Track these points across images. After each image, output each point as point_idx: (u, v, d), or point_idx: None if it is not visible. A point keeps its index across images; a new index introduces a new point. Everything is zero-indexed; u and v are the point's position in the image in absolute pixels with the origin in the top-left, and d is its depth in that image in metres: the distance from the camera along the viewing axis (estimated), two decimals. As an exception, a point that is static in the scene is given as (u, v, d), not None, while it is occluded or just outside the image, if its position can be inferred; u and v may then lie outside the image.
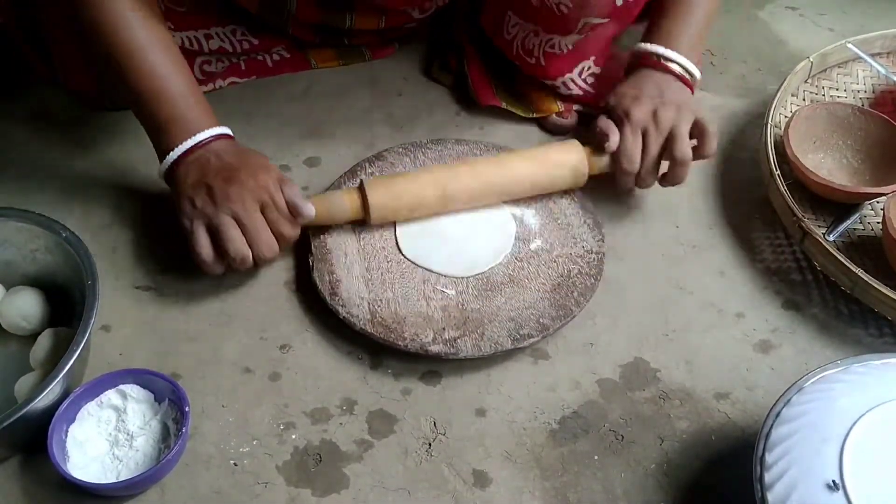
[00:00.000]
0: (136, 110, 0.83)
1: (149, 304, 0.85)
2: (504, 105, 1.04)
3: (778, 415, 0.69)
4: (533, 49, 0.98)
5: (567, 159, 0.90)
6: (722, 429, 0.79)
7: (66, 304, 0.81)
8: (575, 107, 1.03)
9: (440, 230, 0.89)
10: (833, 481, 0.62)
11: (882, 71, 1.04)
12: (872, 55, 1.06)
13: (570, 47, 0.97)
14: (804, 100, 1.06)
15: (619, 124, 0.89)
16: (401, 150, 0.97)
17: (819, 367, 0.72)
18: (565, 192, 0.93)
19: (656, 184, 0.91)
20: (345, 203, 0.86)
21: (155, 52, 0.81)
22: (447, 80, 1.09)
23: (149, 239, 0.90)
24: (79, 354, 0.71)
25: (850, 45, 1.06)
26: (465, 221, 0.90)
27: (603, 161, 0.91)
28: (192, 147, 0.81)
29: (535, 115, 1.03)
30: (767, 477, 0.65)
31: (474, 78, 1.05)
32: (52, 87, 1.01)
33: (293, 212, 0.81)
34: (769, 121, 0.97)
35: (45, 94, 1.04)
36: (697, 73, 0.92)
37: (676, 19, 0.93)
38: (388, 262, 0.87)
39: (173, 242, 0.89)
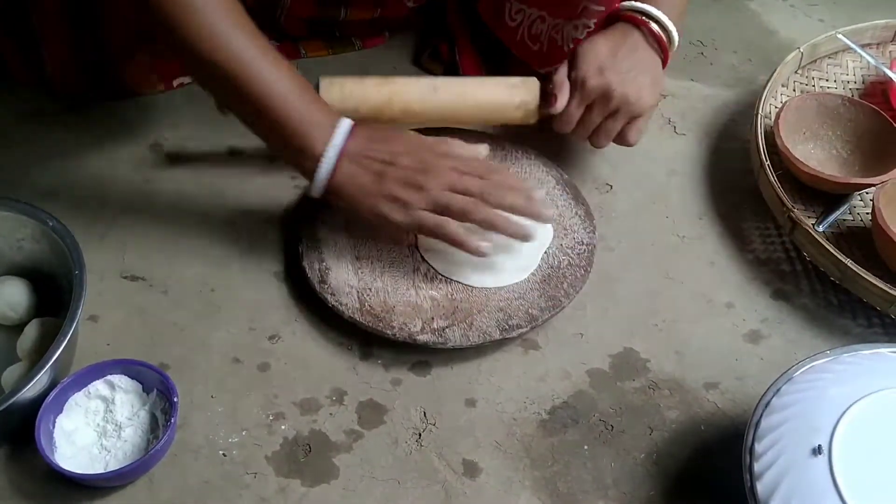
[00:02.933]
0: (260, 128, 0.79)
1: (137, 294, 0.85)
2: None
3: (767, 404, 0.69)
4: (539, 35, 0.98)
5: (523, 96, 0.90)
6: (711, 418, 0.79)
7: (54, 294, 0.81)
8: None
9: None
10: (819, 446, 0.63)
11: (872, 61, 1.04)
12: (863, 46, 1.07)
13: (571, 46, 0.97)
14: (794, 90, 1.06)
15: (572, 86, 0.87)
16: None
17: (808, 357, 0.73)
18: (557, 183, 0.93)
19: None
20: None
21: (266, 62, 0.76)
22: (438, 69, 1.08)
23: (136, 229, 0.89)
24: (66, 344, 0.71)
25: (840, 36, 1.06)
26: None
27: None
28: (342, 146, 0.77)
29: None
30: (756, 466, 0.65)
31: (465, 67, 1.05)
32: (35, 81, 1.00)
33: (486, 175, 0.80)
34: (759, 111, 0.97)
35: (31, 86, 1.03)
36: (677, 37, 0.89)
37: None
38: (378, 250, 0.86)
39: (161, 232, 0.89)
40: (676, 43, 0.90)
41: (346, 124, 0.78)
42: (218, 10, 0.75)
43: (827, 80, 1.07)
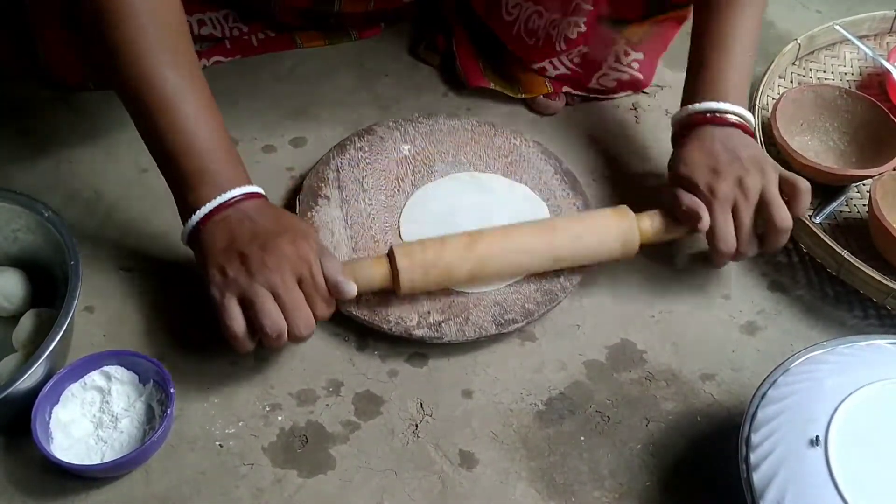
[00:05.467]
0: (161, 164, 0.75)
1: (133, 285, 0.84)
2: (492, 85, 1.03)
3: (763, 396, 0.69)
4: (537, 30, 0.97)
5: (618, 235, 0.81)
6: (708, 410, 0.79)
7: (49, 285, 0.80)
8: (564, 88, 1.02)
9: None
10: (815, 437, 0.63)
11: (869, 53, 1.04)
12: (860, 37, 1.06)
13: (564, 46, 0.96)
14: (792, 82, 1.05)
15: (707, 202, 0.80)
16: (391, 124, 0.96)
17: (804, 349, 0.73)
18: (555, 173, 0.93)
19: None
20: (375, 275, 0.77)
21: (188, 102, 0.73)
22: (434, 60, 1.08)
23: (132, 219, 0.89)
24: (62, 335, 0.71)
25: (837, 27, 1.06)
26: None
27: (676, 233, 0.83)
28: (220, 205, 0.72)
29: (523, 96, 1.02)
30: (753, 457, 0.65)
31: (462, 58, 1.04)
32: (30, 79, 1.00)
33: (331, 289, 0.73)
34: (756, 103, 0.97)
35: (22, 77, 1.02)
36: (752, 120, 0.85)
37: (718, 66, 0.85)
38: (374, 242, 0.86)
39: (158, 223, 0.89)
40: (754, 124, 0.86)
41: (240, 190, 0.74)
42: (159, 38, 0.73)
43: (824, 72, 1.07)
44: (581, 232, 0.81)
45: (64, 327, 0.71)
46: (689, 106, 0.85)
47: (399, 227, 0.88)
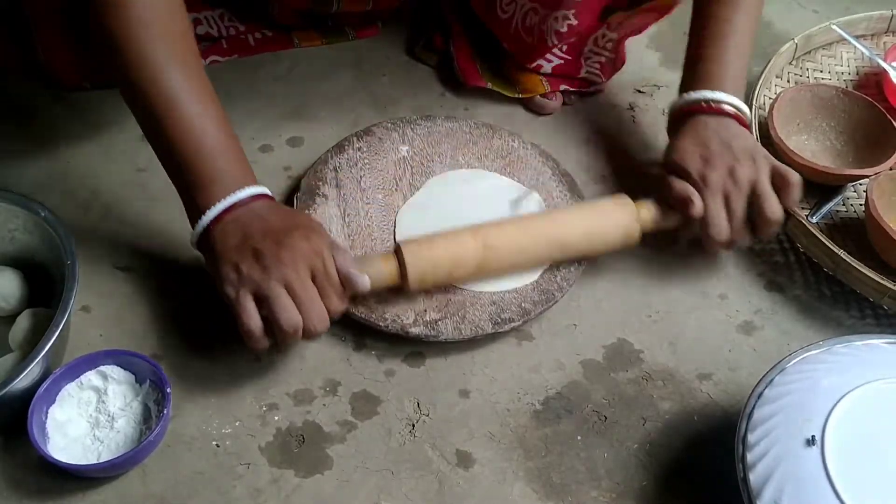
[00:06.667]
0: (169, 166, 0.75)
1: (129, 284, 0.84)
2: (489, 85, 1.03)
3: (760, 395, 0.69)
4: (533, 28, 0.97)
5: (619, 223, 0.82)
6: (704, 409, 0.79)
7: (46, 285, 0.80)
8: (561, 87, 1.02)
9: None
10: (812, 436, 0.63)
11: (866, 53, 1.04)
12: (857, 37, 1.06)
13: (554, 42, 0.96)
14: (788, 81, 1.06)
15: (698, 190, 0.81)
16: (389, 125, 0.96)
17: (801, 348, 0.73)
18: (553, 174, 0.93)
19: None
20: (383, 271, 0.77)
21: (194, 103, 0.73)
22: (431, 59, 1.08)
23: (129, 219, 0.89)
24: (58, 335, 0.70)
25: (834, 27, 1.06)
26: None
27: (670, 221, 0.84)
28: (232, 205, 0.72)
29: (520, 96, 1.02)
30: (749, 457, 0.65)
31: (459, 58, 1.04)
32: (28, 77, 1.00)
33: (344, 283, 0.73)
34: (753, 102, 0.97)
35: (23, 75, 1.02)
36: (748, 111, 0.86)
37: (716, 58, 0.87)
38: (372, 240, 0.86)
39: (154, 223, 0.89)
40: (749, 116, 0.87)
41: (250, 191, 0.74)
42: (165, 39, 0.73)
43: (821, 72, 1.07)
44: (585, 221, 0.83)
45: (60, 327, 0.71)
46: (685, 94, 0.87)
47: (395, 226, 0.88)
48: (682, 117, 0.87)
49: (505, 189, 0.92)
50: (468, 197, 0.91)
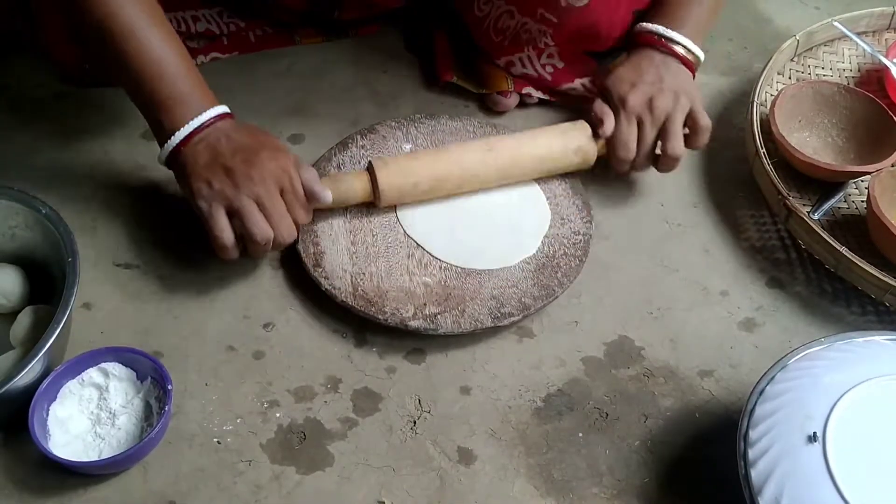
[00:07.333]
0: (133, 92, 0.79)
1: (130, 281, 0.84)
2: (455, 79, 1.03)
3: (762, 392, 0.69)
4: (506, 30, 0.97)
5: (578, 140, 0.89)
6: (706, 406, 0.79)
7: (46, 282, 0.80)
8: (525, 89, 1.01)
9: (451, 219, 0.89)
10: (813, 433, 0.63)
11: (868, 49, 1.03)
12: (858, 34, 1.06)
13: (534, 49, 0.97)
14: (790, 78, 1.05)
15: (615, 111, 0.88)
16: (393, 123, 0.96)
17: (803, 345, 0.73)
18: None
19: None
20: (354, 185, 0.84)
21: (153, 32, 0.77)
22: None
23: (130, 216, 0.89)
24: (59, 332, 0.70)
25: (836, 24, 1.06)
26: (481, 212, 0.89)
27: (600, 144, 0.90)
28: (198, 127, 0.77)
29: (483, 91, 1.02)
30: (751, 453, 0.65)
31: (438, 54, 1.04)
32: (32, 63, 1.00)
33: (309, 197, 0.79)
34: (755, 99, 0.97)
35: (26, 71, 1.02)
36: (701, 55, 0.90)
37: (682, 3, 0.91)
38: (373, 235, 0.86)
39: (155, 220, 0.89)
40: (702, 59, 0.90)
41: (214, 111, 0.78)
42: None
43: (822, 68, 1.07)
44: (546, 135, 0.90)
45: (61, 324, 0.71)
46: (641, 24, 0.91)
47: (399, 219, 0.88)
48: (633, 46, 0.91)
49: (514, 188, 0.92)
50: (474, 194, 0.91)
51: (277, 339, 0.81)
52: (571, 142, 0.89)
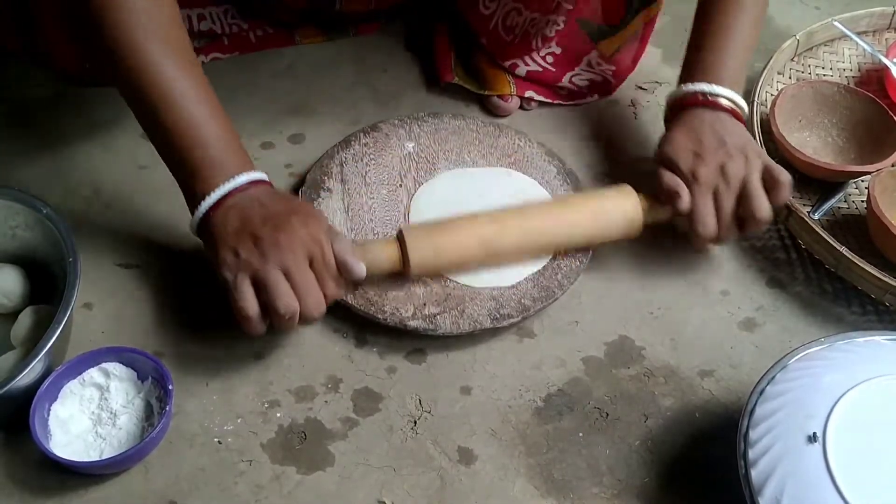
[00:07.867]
0: (167, 156, 0.76)
1: (131, 281, 0.84)
2: (456, 79, 1.03)
3: (762, 392, 0.69)
4: (515, 27, 0.97)
5: (622, 210, 0.83)
6: (706, 406, 0.79)
7: (47, 282, 0.80)
8: (527, 93, 1.01)
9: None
10: (814, 433, 0.63)
11: (868, 49, 1.03)
12: (858, 33, 1.06)
13: (540, 44, 0.96)
14: (790, 78, 1.05)
15: (687, 185, 0.81)
16: (396, 122, 0.97)
17: (803, 345, 0.73)
18: (558, 173, 0.94)
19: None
20: (383, 256, 0.78)
21: (189, 94, 0.74)
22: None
23: (130, 216, 0.89)
24: (60, 332, 0.71)
25: (836, 23, 1.06)
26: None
27: (662, 213, 0.84)
28: (231, 191, 0.73)
29: (486, 93, 1.02)
30: (751, 453, 0.65)
31: (438, 53, 1.04)
32: (31, 63, 1.00)
33: (341, 269, 0.74)
34: (755, 99, 0.97)
35: (26, 70, 1.02)
36: (745, 106, 0.86)
37: (715, 52, 0.86)
38: (374, 235, 0.86)
39: (155, 220, 0.89)
40: (746, 110, 0.87)
41: (247, 177, 0.74)
42: (156, 31, 0.73)
43: (823, 68, 1.07)
44: (590, 206, 0.83)
45: (62, 324, 0.71)
46: (683, 86, 0.86)
47: (408, 217, 0.88)
48: (678, 109, 0.87)
49: (520, 188, 0.92)
50: (480, 195, 0.90)
51: (278, 339, 0.81)
52: (619, 211, 0.83)
